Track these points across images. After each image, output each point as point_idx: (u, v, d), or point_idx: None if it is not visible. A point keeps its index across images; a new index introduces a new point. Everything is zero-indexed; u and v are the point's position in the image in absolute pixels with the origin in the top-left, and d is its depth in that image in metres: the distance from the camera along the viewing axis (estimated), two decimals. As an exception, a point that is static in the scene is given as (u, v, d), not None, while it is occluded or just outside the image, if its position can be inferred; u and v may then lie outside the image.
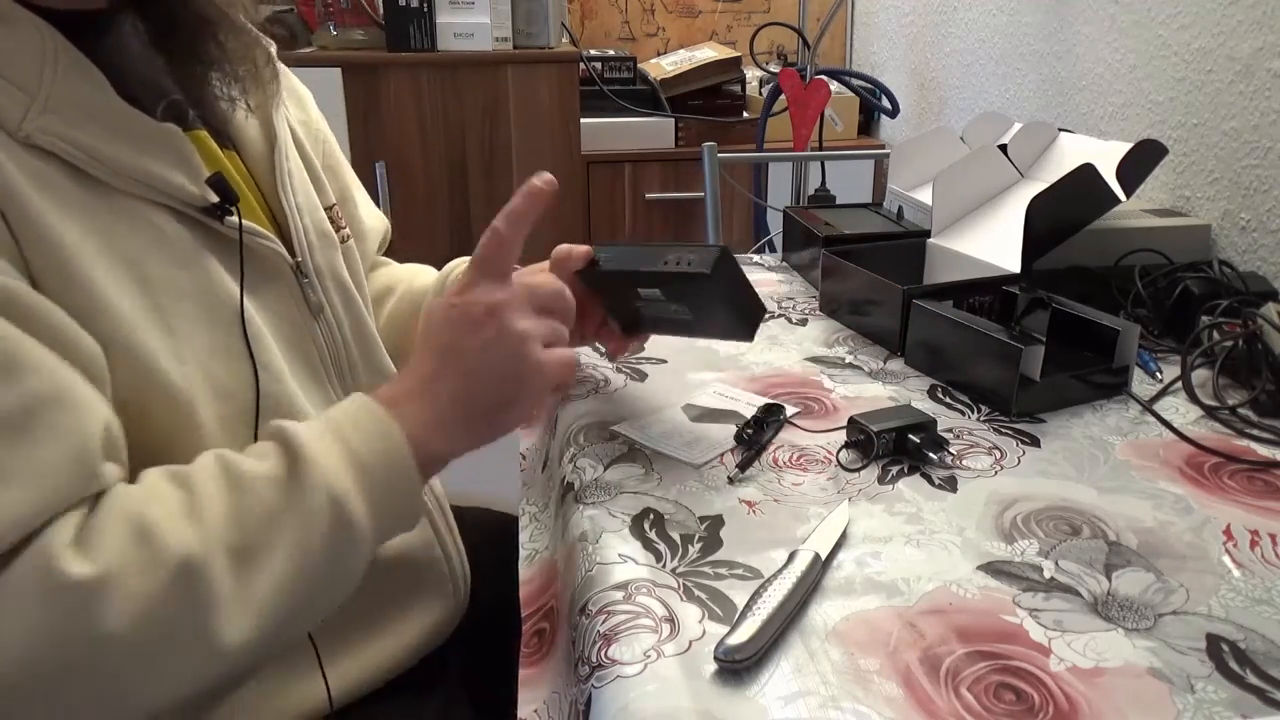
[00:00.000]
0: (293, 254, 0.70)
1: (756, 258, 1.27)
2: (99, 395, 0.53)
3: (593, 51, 2.21)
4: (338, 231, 0.76)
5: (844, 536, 0.62)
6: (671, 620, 0.54)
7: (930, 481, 0.69)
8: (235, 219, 0.63)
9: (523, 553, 0.74)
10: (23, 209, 0.52)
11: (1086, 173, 0.93)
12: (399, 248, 1.01)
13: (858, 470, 0.70)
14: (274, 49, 0.75)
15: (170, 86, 0.64)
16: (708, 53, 2.24)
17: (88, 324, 0.54)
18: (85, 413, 0.52)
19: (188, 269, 0.61)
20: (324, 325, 0.72)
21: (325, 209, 0.76)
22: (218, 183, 0.62)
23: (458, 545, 0.80)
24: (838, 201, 1.81)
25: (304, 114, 0.82)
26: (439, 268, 0.97)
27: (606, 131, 2.06)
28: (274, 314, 0.67)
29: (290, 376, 0.67)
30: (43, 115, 0.55)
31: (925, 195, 1.09)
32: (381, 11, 1.89)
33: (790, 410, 0.79)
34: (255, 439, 0.61)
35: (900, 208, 1.18)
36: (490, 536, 0.97)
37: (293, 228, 0.70)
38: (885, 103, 2.01)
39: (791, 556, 0.57)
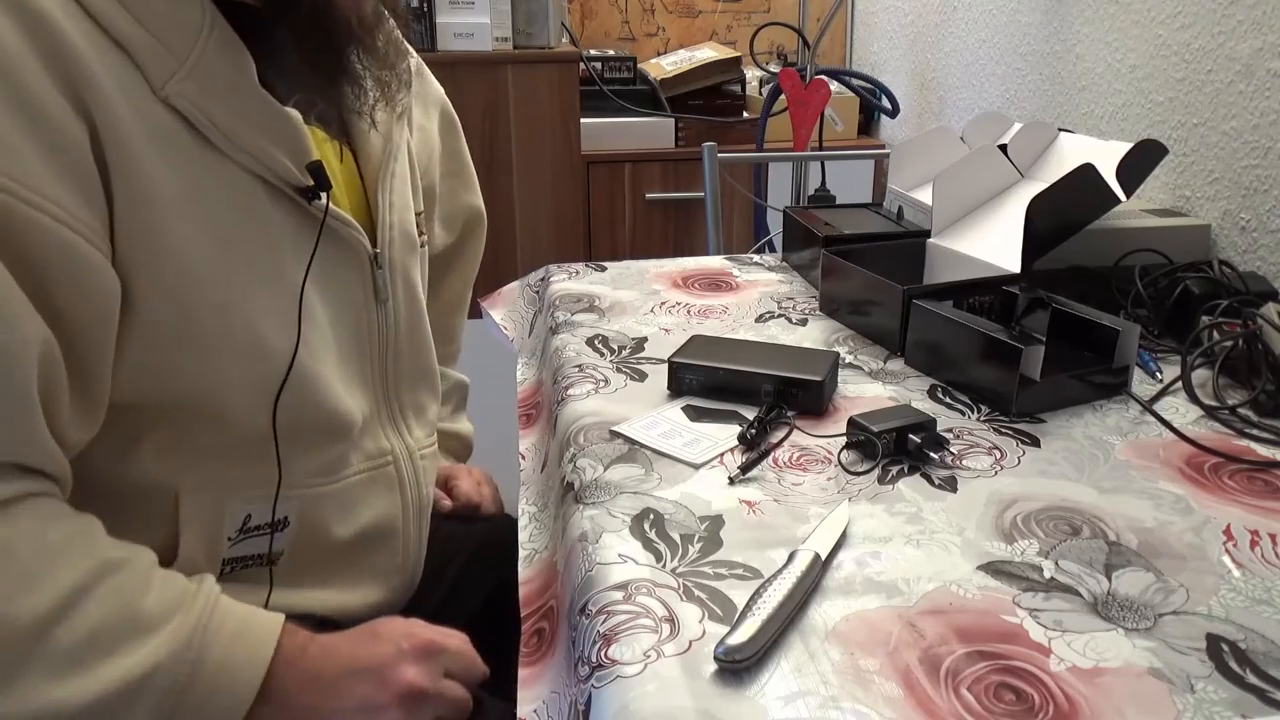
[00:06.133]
0: (374, 244, 0.75)
1: (757, 258, 1.27)
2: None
3: (593, 51, 2.20)
4: (420, 237, 0.83)
5: (844, 536, 0.62)
6: (671, 620, 0.54)
7: (930, 481, 0.69)
8: (323, 203, 0.69)
9: (522, 553, 0.74)
10: (129, 163, 0.58)
11: (1086, 173, 0.93)
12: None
13: (860, 474, 0.70)
14: (414, 59, 0.82)
15: (311, 85, 0.69)
16: (708, 53, 2.24)
17: (153, 265, 0.60)
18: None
19: (266, 236, 0.66)
20: (383, 314, 0.77)
21: (415, 214, 0.82)
22: (316, 170, 0.67)
23: (418, 540, 0.84)
24: (838, 201, 1.81)
25: (425, 119, 0.90)
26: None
27: (606, 131, 2.06)
28: (338, 297, 0.73)
29: (331, 357, 0.72)
30: (184, 82, 0.61)
31: (925, 195, 1.09)
32: (382, 11, 1.89)
33: (791, 411, 0.79)
34: (276, 404, 0.68)
35: (900, 208, 1.17)
36: (488, 534, 0.97)
37: (381, 223, 0.77)
38: (885, 103, 2.01)
39: (791, 556, 0.57)
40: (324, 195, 0.69)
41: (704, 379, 0.82)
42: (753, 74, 2.28)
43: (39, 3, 0.55)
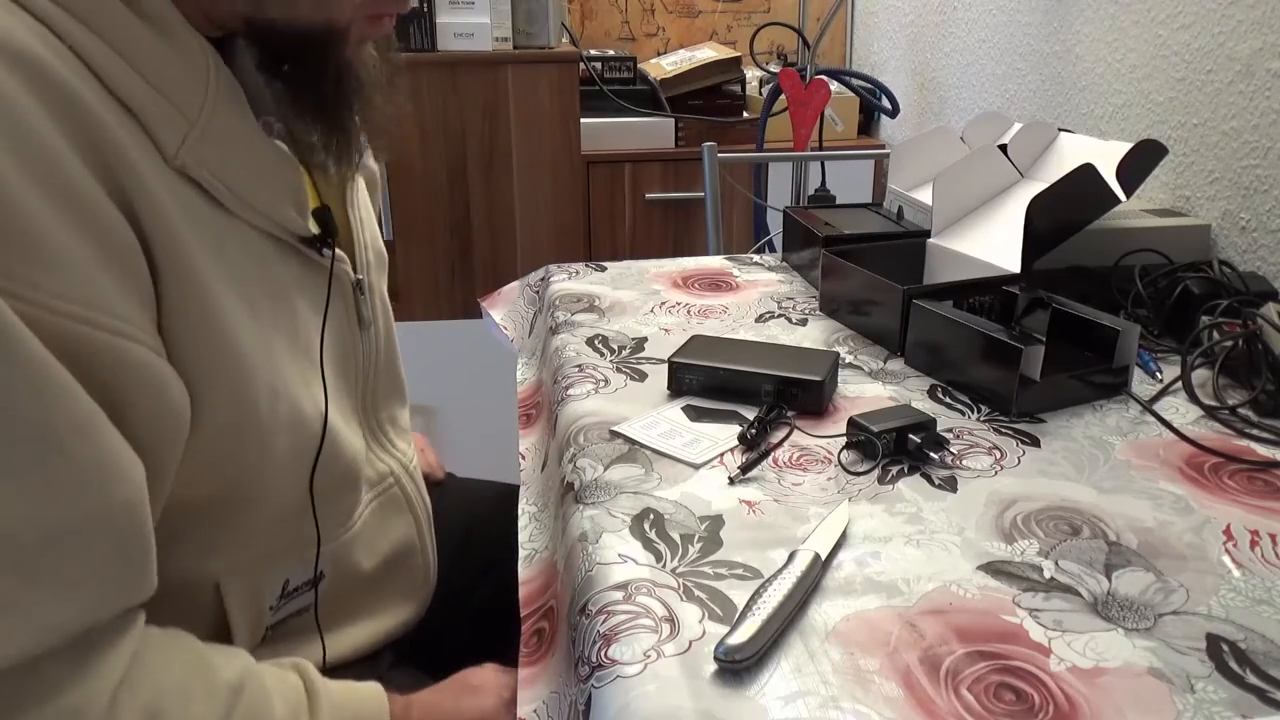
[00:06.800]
0: (355, 271, 0.73)
1: (757, 258, 1.27)
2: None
3: (593, 51, 2.20)
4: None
5: (844, 536, 0.62)
6: (671, 620, 0.54)
7: (930, 481, 0.69)
8: (330, 251, 0.66)
9: (522, 553, 0.74)
10: (171, 249, 0.53)
11: (1086, 173, 0.93)
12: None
13: (860, 474, 0.70)
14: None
15: (272, 108, 0.65)
16: (708, 53, 2.24)
17: (214, 361, 0.55)
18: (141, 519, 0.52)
19: (281, 296, 0.63)
20: (366, 339, 0.74)
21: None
22: (323, 217, 0.64)
23: (433, 547, 0.85)
24: (838, 201, 1.81)
25: None
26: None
27: (606, 131, 2.06)
28: (331, 331, 0.69)
29: (334, 400, 0.69)
30: (198, 145, 0.55)
31: (925, 195, 1.09)
32: (381, 11, 1.88)
33: (791, 411, 0.79)
34: (314, 468, 0.65)
35: (900, 208, 1.17)
36: (490, 512, 0.97)
37: (357, 246, 0.74)
38: (885, 103, 2.01)
39: (791, 556, 0.57)
40: (332, 242, 0.65)
41: (704, 379, 0.82)
42: (753, 74, 2.28)
43: (54, 70, 0.48)
